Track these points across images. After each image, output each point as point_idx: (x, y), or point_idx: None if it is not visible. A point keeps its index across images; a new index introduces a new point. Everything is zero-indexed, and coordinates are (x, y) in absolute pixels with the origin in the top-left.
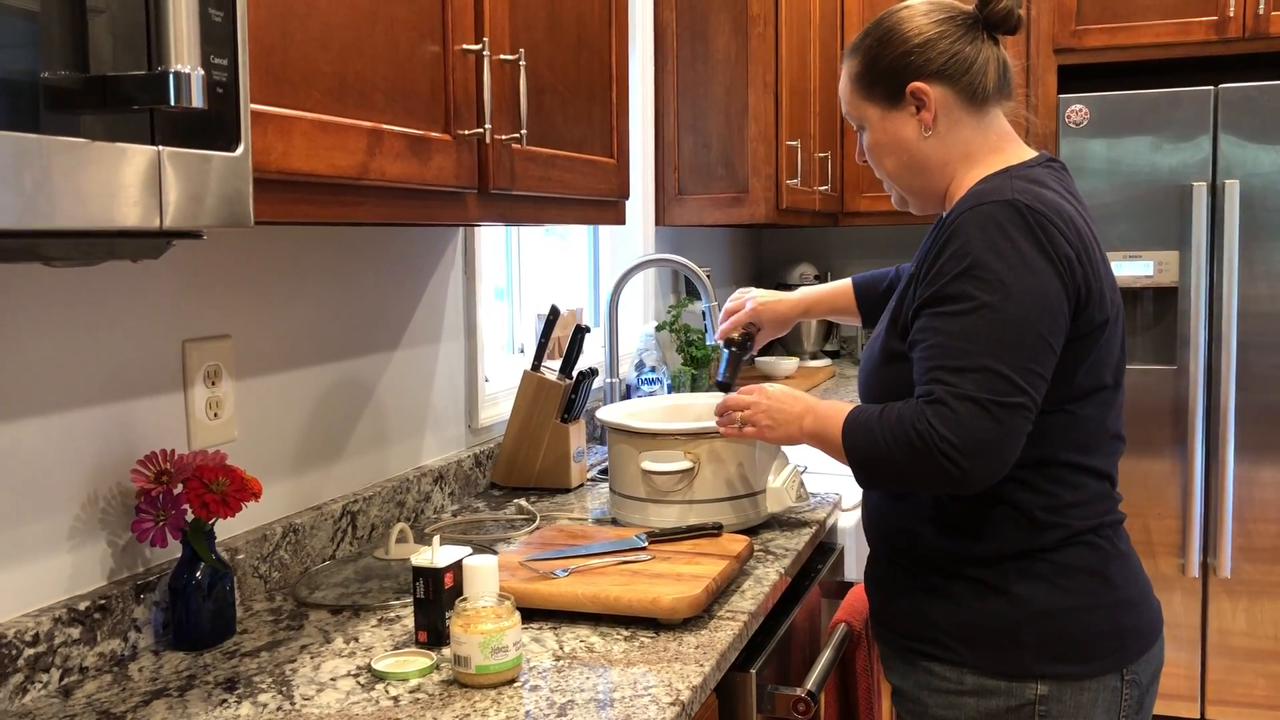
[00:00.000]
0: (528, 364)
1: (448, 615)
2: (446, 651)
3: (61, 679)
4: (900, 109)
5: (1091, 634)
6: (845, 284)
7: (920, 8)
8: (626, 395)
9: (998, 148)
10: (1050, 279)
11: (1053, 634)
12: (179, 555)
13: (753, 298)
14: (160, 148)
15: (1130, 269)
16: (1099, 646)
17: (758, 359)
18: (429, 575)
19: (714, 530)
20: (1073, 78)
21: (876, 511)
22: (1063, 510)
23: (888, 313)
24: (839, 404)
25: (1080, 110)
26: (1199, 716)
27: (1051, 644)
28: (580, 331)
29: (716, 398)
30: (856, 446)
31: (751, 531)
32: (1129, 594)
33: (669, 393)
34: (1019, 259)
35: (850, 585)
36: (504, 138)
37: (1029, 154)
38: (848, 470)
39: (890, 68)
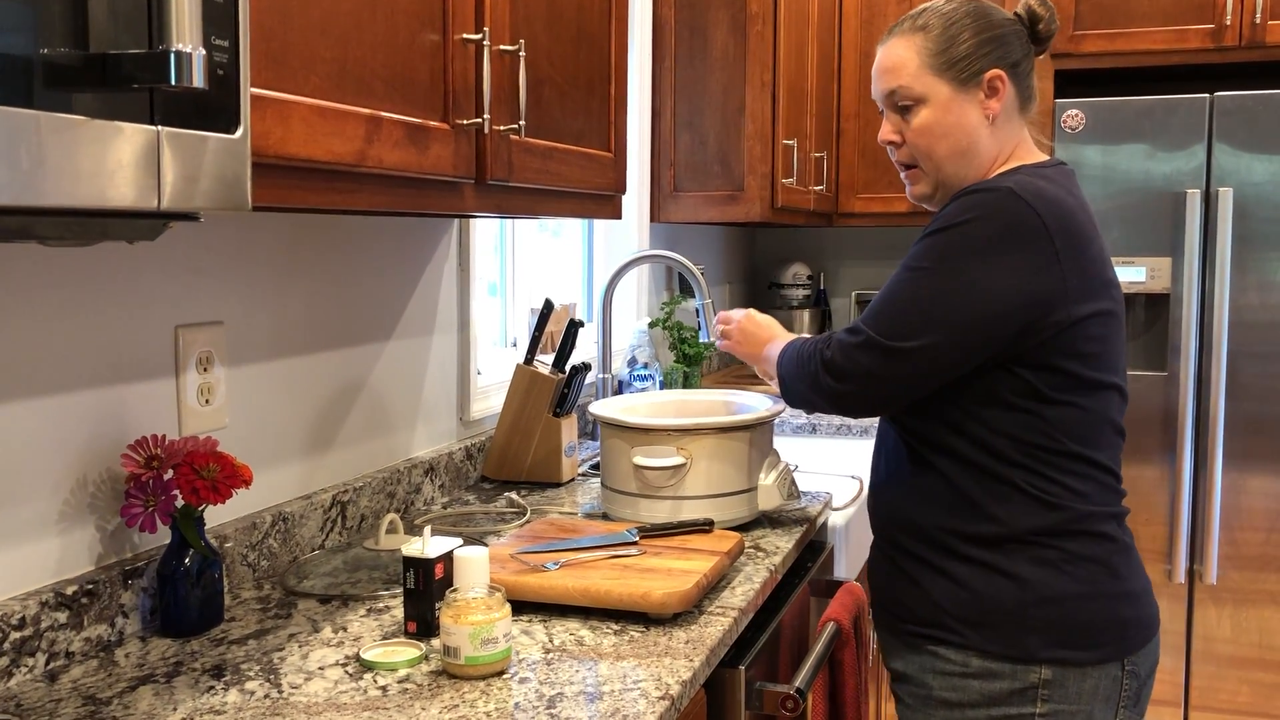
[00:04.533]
0: (520, 358)
1: (437, 606)
2: (436, 642)
3: (47, 663)
4: (970, 93)
5: (1096, 622)
6: None
7: (988, 4)
8: (619, 391)
9: (1026, 153)
10: (1008, 274)
11: (1058, 619)
12: (168, 541)
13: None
14: (159, 128)
15: (1123, 275)
16: (1102, 634)
17: None
18: (419, 566)
19: (705, 526)
20: (1069, 83)
21: (883, 496)
22: (1070, 498)
23: None
24: (791, 337)
25: (1076, 115)
26: None
27: (1057, 629)
28: (574, 326)
29: (712, 394)
30: (780, 365)
31: (742, 528)
32: (1132, 585)
33: (661, 389)
34: (983, 244)
35: (840, 583)
36: (502, 128)
37: (1042, 156)
38: (839, 470)
39: (974, 50)
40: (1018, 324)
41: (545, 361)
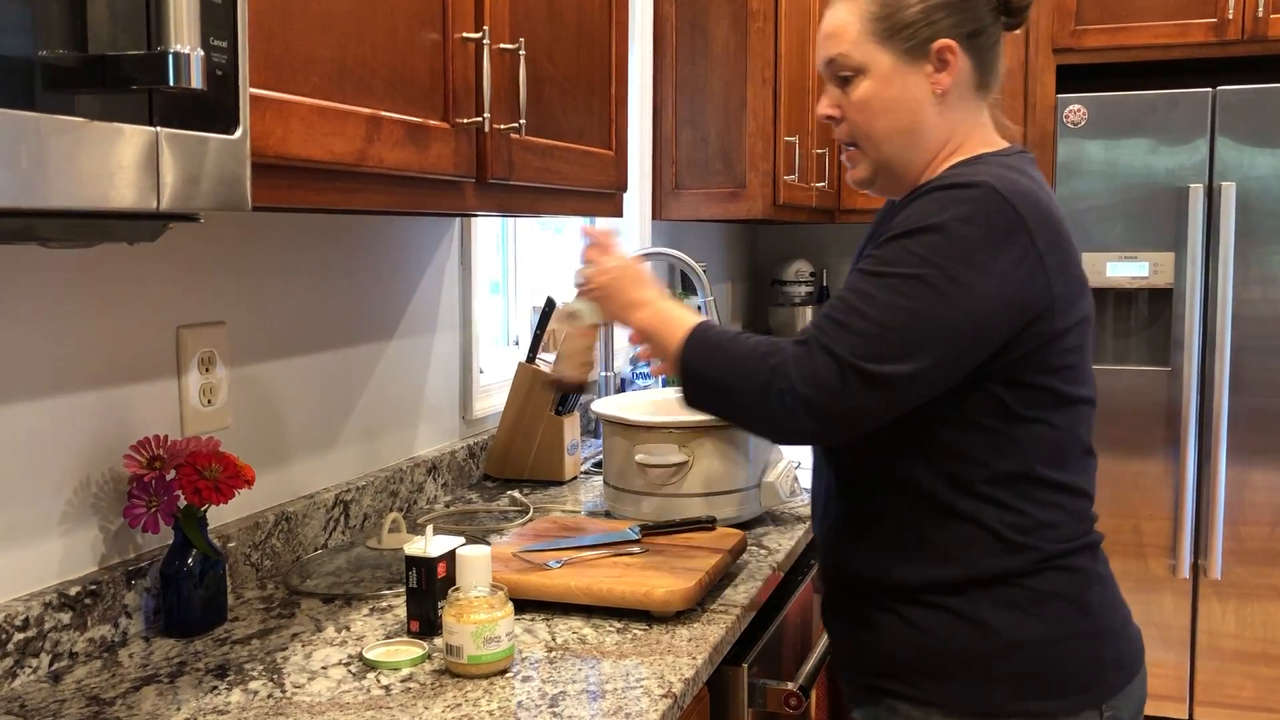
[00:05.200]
0: (522, 356)
1: (440, 605)
2: (439, 641)
3: (51, 664)
4: (917, 65)
5: (1068, 667)
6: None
7: None
8: (621, 389)
9: (985, 138)
10: (991, 279)
11: (1026, 667)
12: (171, 541)
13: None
14: (158, 129)
15: (1125, 270)
16: (1076, 681)
17: None
18: (422, 565)
19: (707, 524)
20: (1071, 78)
21: (834, 541)
22: (1037, 531)
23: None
24: (686, 313)
25: (1078, 110)
26: (1187, 717)
27: (1025, 679)
28: None
29: None
30: (694, 361)
31: (745, 526)
32: (1109, 623)
33: (664, 387)
34: (958, 245)
35: None
36: (503, 127)
37: (1003, 142)
38: None
39: (922, 15)
40: (1003, 337)
41: (547, 360)
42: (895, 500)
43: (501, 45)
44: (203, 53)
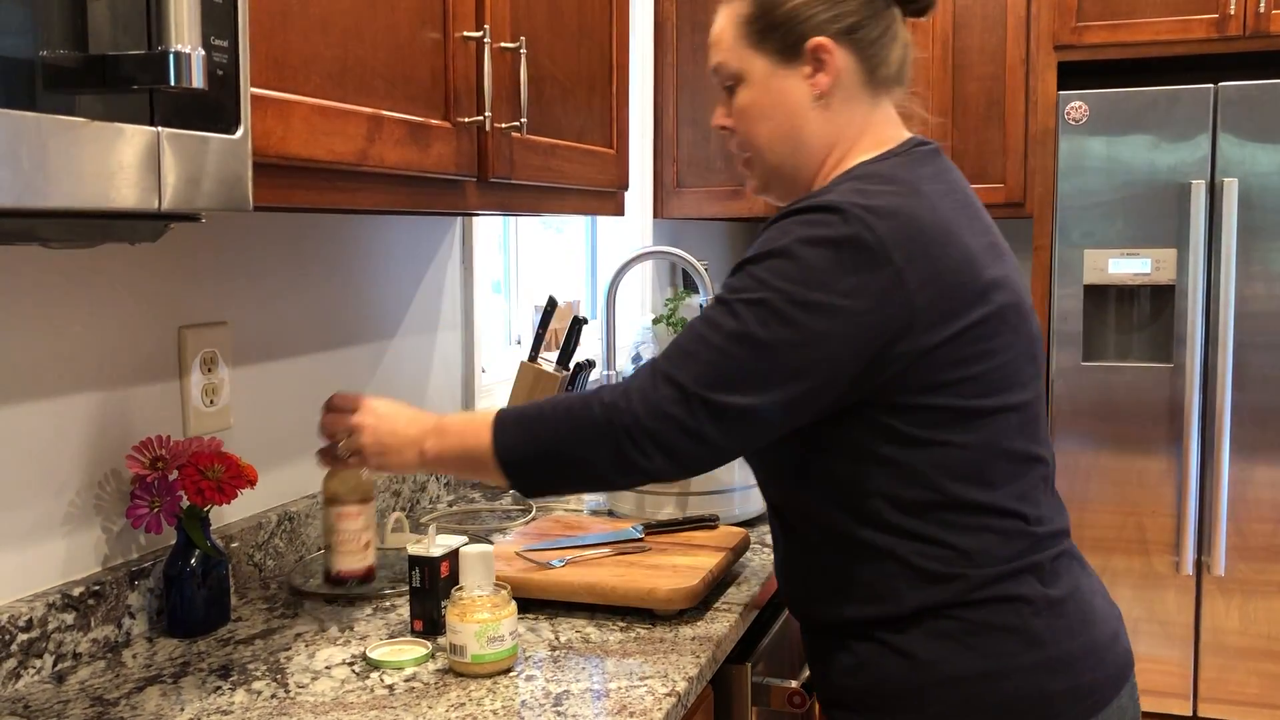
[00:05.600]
0: (524, 355)
1: (443, 604)
2: (442, 640)
3: (55, 665)
4: (793, 67)
5: (1011, 702)
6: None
7: None
8: None
9: (881, 140)
10: (839, 307)
11: (962, 703)
12: (174, 542)
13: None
14: (159, 129)
15: (1127, 267)
16: (1020, 716)
17: None
18: (425, 564)
19: (710, 522)
20: (1072, 74)
21: (780, 576)
22: (965, 560)
23: None
24: (470, 415)
25: (1080, 107)
26: (1191, 714)
27: (962, 713)
28: (578, 323)
29: None
30: (518, 447)
31: (748, 524)
32: (1061, 650)
33: None
34: (802, 269)
35: None
36: (504, 126)
37: (896, 140)
38: None
39: (793, 15)
40: (861, 362)
41: (549, 359)
42: (818, 538)
43: (502, 44)
44: (203, 52)
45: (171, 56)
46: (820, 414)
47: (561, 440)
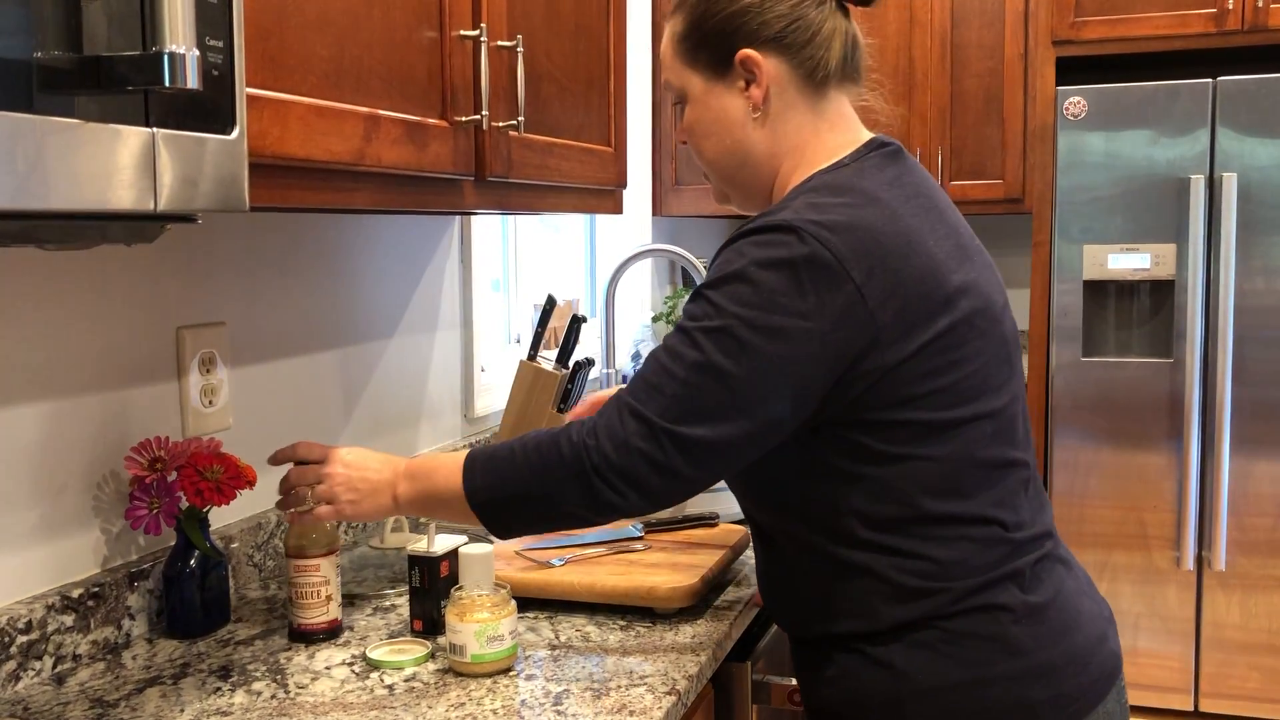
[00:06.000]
0: (524, 354)
1: (443, 604)
2: (442, 640)
3: (54, 666)
4: (727, 82)
5: (991, 710)
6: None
7: None
8: (624, 385)
9: (832, 144)
10: (800, 327)
11: (942, 712)
12: (173, 543)
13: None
14: (155, 130)
15: (1127, 262)
16: None
17: None
18: (425, 564)
19: (710, 520)
20: (1071, 70)
21: (762, 587)
22: (942, 573)
23: None
24: (435, 457)
25: (1078, 103)
26: (1192, 709)
27: None
28: (577, 321)
29: None
30: (488, 488)
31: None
32: (1043, 658)
33: None
34: (760, 291)
35: None
36: (501, 125)
37: (856, 142)
38: None
39: (719, 28)
40: (827, 381)
41: (549, 357)
42: (795, 554)
43: (499, 42)
44: (198, 53)
45: (166, 57)
46: (788, 435)
47: (531, 481)
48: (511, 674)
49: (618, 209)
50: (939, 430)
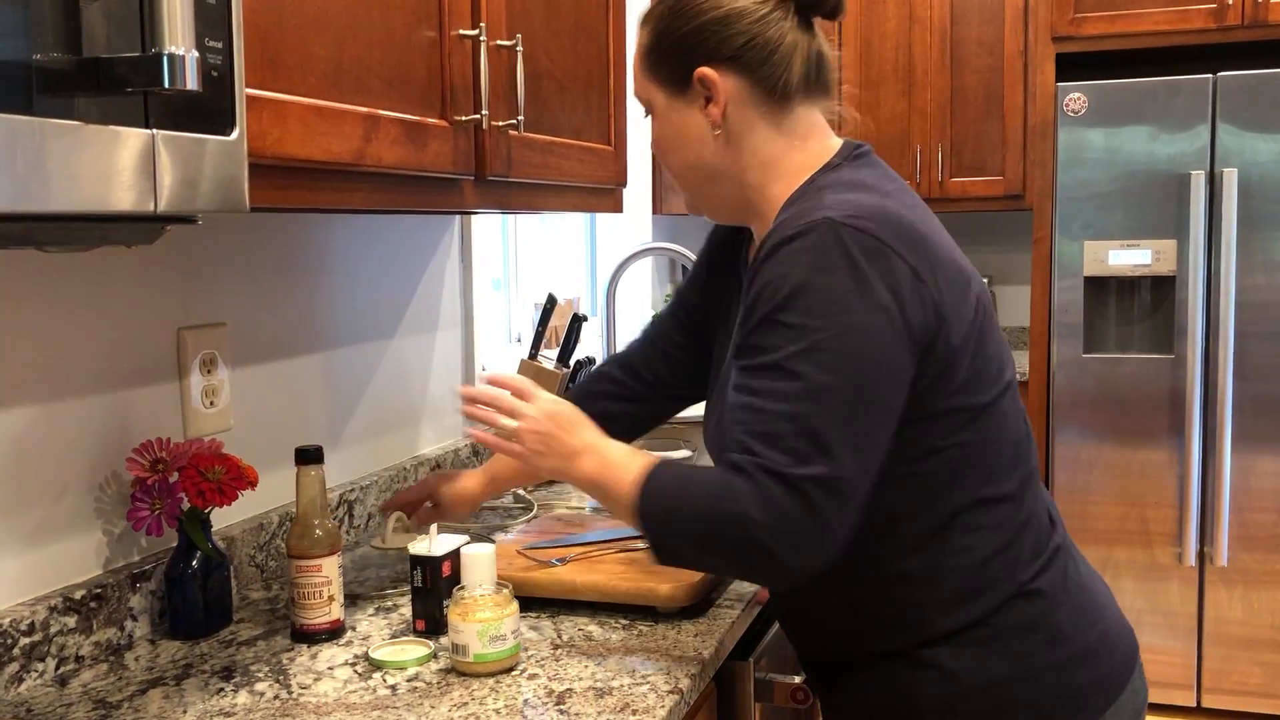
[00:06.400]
0: (525, 353)
1: (445, 604)
2: (444, 640)
3: (57, 668)
4: (687, 98)
5: (1041, 701)
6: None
7: None
8: None
9: (804, 157)
10: (873, 314)
11: (995, 709)
12: (175, 544)
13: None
14: (154, 131)
15: (1127, 257)
16: (1051, 713)
17: None
18: (427, 564)
19: None
20: (1071, 66)
21: (785, 615)
22: (984, 570)
23: (722, 372)
24: (630, 454)
25: (1078, 99)
26: (1195, 704)
27: (994, 719)
28: (577, 320)
29: None
30: (657, 519)
31: None
32: (1083, 643)
33: None
34: (833, 295)
35: None
36: (501, 124)
37: (834, 147)
38: None
39: (679, 45)
40: (912, 370)
41: (549, 357)
42: (841, 582)
43: (498, 42)
44: (198, 54)
45: (165, 58)
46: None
47: (701, 539)
48: (514, 673)
49: (618, 208)
50: (976, 414)
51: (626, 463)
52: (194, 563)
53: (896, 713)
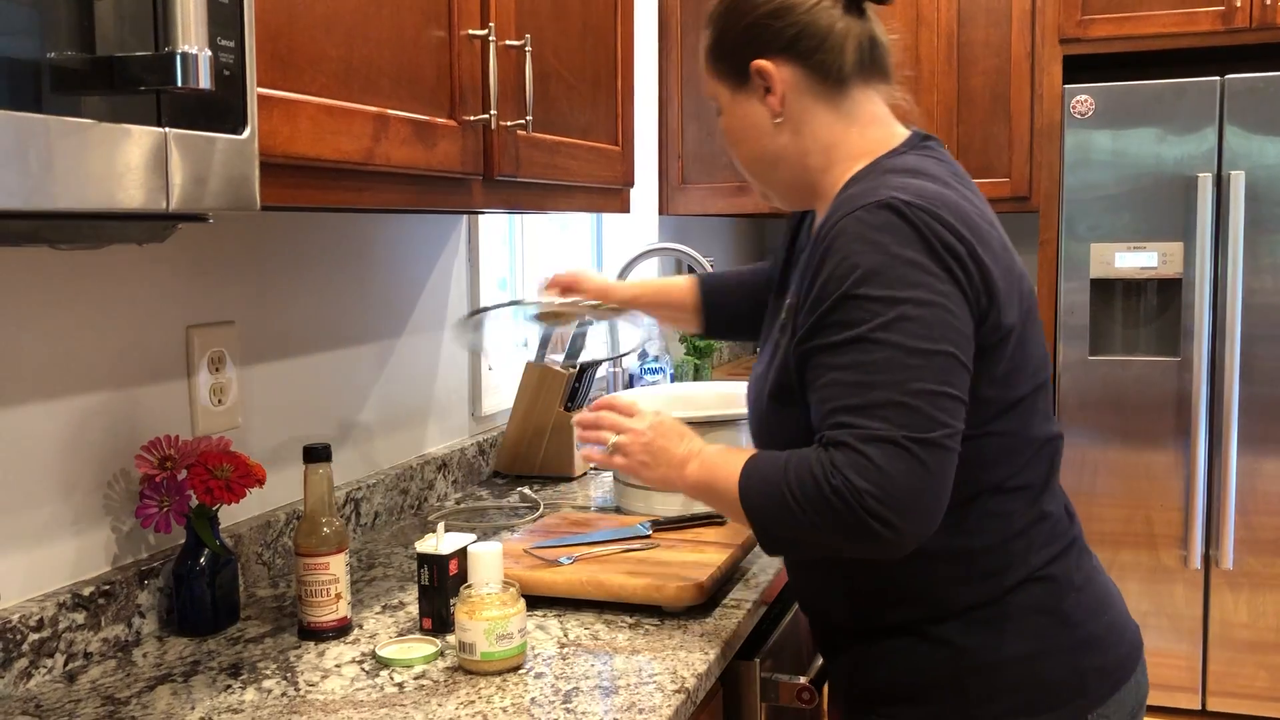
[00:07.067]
0: (531, 354)
1: (452, 602)
2: (451, 638)
3: (66, 664)
4: (748, 90)
5: (1048, 682)
6: (681, 282)
7: None
8: (630, 385)
9: (865, 139)
10: (945, 284)
11: (1004, 686)
12: (183, 541)
13: (581, 270)
14: (167, 130)
15: (1134, 260)
16: (1056, 695)
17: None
18: (434, 562)
19: (718, 519)
20: (1078, 68)
21: (799, 576)
22: (1001, 551)
23: (769, 342)
24: (730, 452)
25: (1085, 101)
26: (1200, 707)
27: (1004, 697)
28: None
29: (721, 387)
30: (761, 509)
31: None
32: (1089, 630)
33: (672, 383)
34: (908, 269)
35: None
36: (509, 124)
37: (900, 136)
38: None
39: (736, 41)
40: (974, 346)
41: (555, 358)
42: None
43: (507, 42)
44: (210, 53)
45: (178, 57)
46: None
47: (808, 520)
48: (521, 672)
49: (625, 208)
50: (1008, 406)
51: (726, 461)
52: (202, 560)
53: (907, 685)
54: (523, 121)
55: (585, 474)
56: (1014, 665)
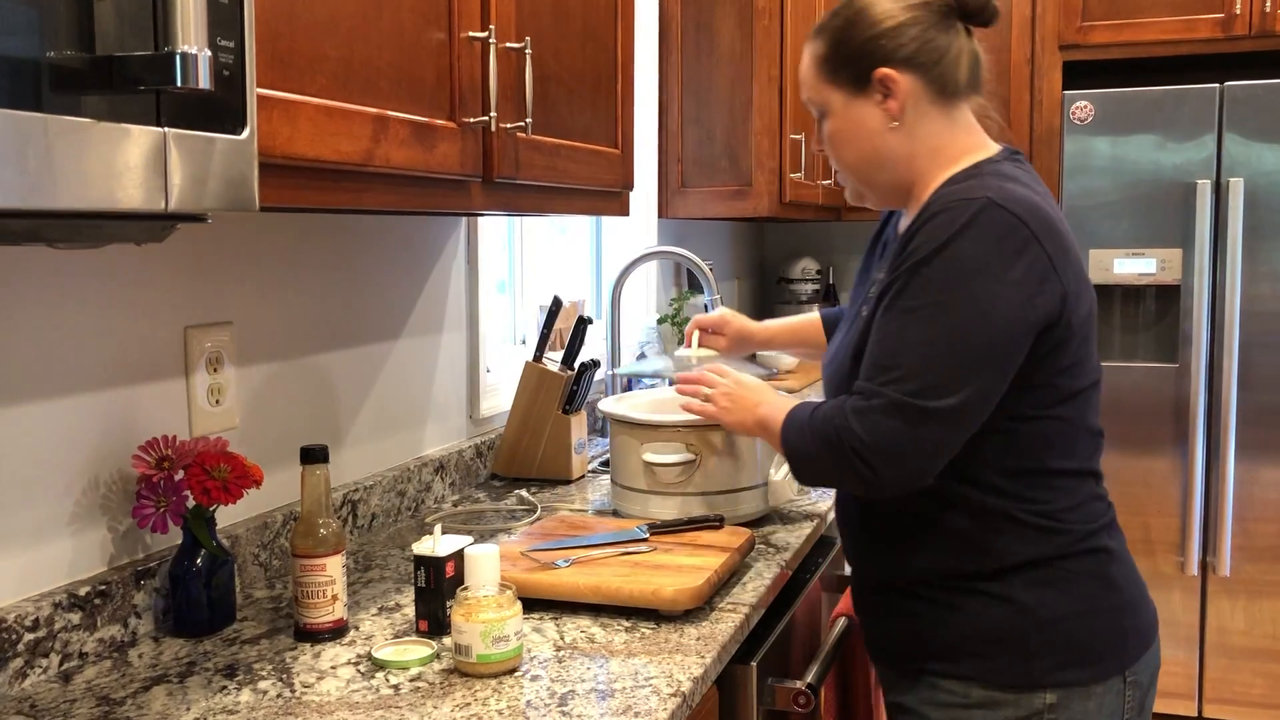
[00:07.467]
0: (529, 355)
1: (449, 604)
2: (447, 640)
3: (61, 664)
4: (865, 96)
5: (1096, 638)
6: (812, 319)
7: None
8: (628, 387)
9: (966, 145)
10: (1009, 290)
11: (1060, 641)
12: (179, 542)
13: (726, 312)
14: (166, 129)
15: (1133, 266)
16: (1104, 650)
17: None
18: (430, 564)
19: (715, 522)
20: (1078, 74)
21: (863, 545)
22: (1061, 516)
23: (847, 321)
24: (788, 401)
25: (1085, 107)
26: (1196, 714)
27: (1060, 651)
28: (582, 323)
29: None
30: (790, 440)
31: (753, 524)
32: (1130, 594)
33: (670, 386)
34: (981, 261)
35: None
36: (509, 126)
37: (995, 149)
38: None
39: (858, 51)
40: (1031, 343)
41: (554, 359)
42: (923, 504)
43: (508, 44)
44: (210, 53)
45: (178, 57)
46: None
47: (816, 452)
48: (517, 674)
49: (624, 211)
50: (1070, 395)
51: (784, 406)
52: (198, 561)
53: (976, 641)
54: (522, 124)
55: (583, 477)
56: (1069, 621)
